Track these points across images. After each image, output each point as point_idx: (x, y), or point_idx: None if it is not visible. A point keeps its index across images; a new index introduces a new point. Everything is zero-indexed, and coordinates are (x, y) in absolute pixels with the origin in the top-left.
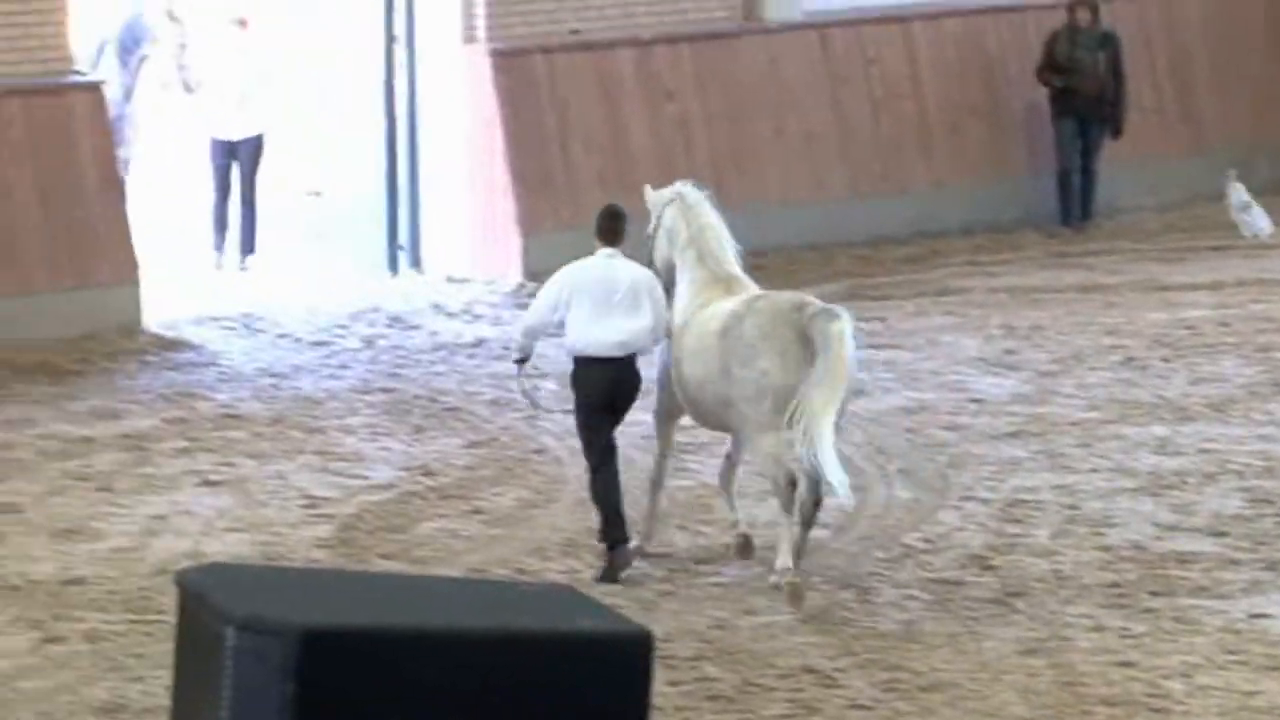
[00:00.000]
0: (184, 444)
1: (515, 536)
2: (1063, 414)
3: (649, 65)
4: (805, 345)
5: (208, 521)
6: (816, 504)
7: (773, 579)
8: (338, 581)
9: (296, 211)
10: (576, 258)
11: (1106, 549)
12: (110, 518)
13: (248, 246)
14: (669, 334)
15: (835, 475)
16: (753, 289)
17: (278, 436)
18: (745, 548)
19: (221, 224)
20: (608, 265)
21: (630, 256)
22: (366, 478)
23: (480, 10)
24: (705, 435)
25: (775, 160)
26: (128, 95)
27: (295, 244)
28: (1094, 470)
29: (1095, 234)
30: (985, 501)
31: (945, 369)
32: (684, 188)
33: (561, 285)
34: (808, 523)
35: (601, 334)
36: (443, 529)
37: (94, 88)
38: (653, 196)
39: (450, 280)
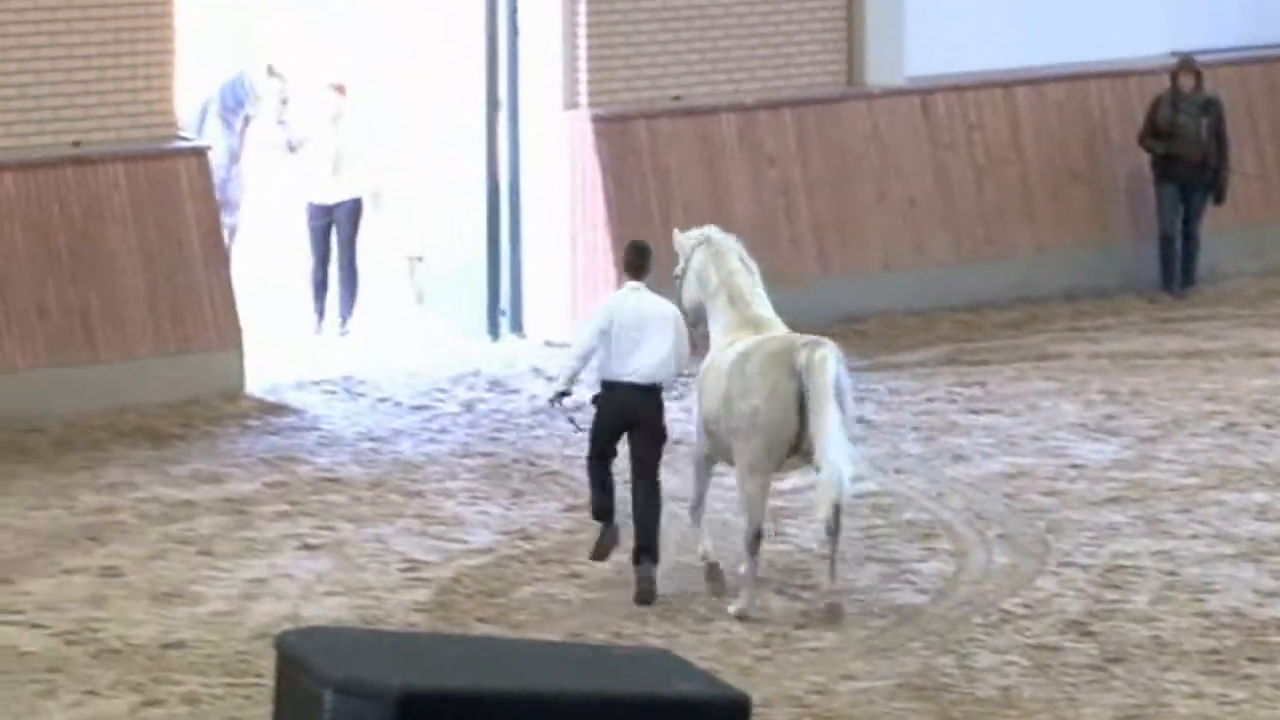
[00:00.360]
0: (284, 508)
1: (613, 601)
2: (1163, 479)
3: (751, 130)
4: (795, 381)
5: (307, 585)
6: (837, 510)
7: (732, 609)
8: (435, 645)
9: (398, 276)
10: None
11: (1206, 615)
12: (210, 581)
13: (347, 310)
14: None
15: (848, 472)
16: (780, 330)
17: (377, 500)
18: (713, 574)
19: (321, 288)
20: (635, 298)
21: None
22: (465, 542)
23: (583, 76)
24: (803, 501)
25: (877, 225)
26: (233, 158)
27: (397, 308)
28: (1194, 536)
29: (1197, 299)
30: (1084, 567)
31: (1045, 434)
32: (712, 231)
33: (605, 315)
34: (833, 531)
35: (625, 362)
36: (540, 593)
37: (198, 152)
38: (680, 239)
39: (550, 344)
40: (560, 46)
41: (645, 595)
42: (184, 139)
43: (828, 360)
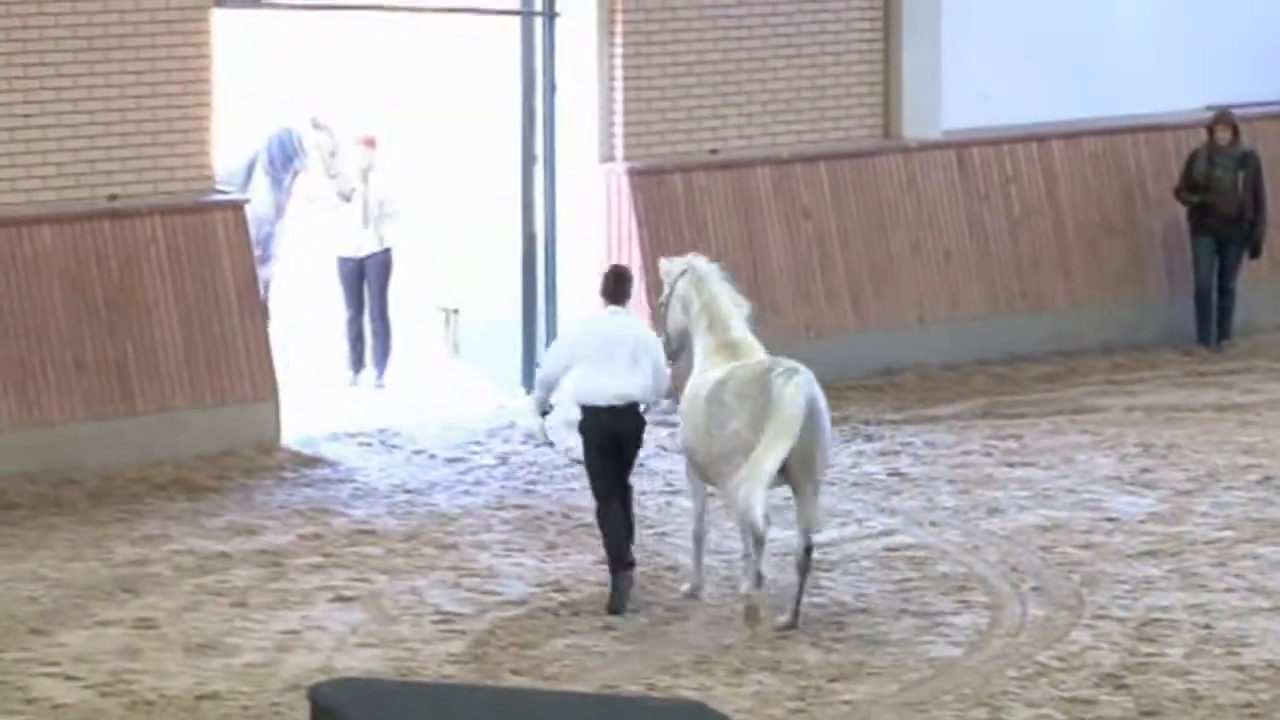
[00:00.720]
0: (319, 559)
1: (647, 653)
2: (1198, 533)
3: (787, 184)
4: (770, 403)
5: (340, 637)
6: (808, 551)
7: (741, 591)
8: (469, 696)
9: (434, 328)
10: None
11: (1241, 669)
12: (244, 633)
13: (381, 363)
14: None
15: (757, 512)
16: (758, 353)
17: (412, 552)
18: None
19: (356, 341)
20: (613, 323)
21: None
22: (499, 594)
23: (618, 129)
24: (839, 553)
25: (912, 278)
26: (279, 213)
27: (432, 360)
28: (1229, 589)
29: (1232, 353)
30: (1119, 620)
31: (1080, 487)
32: (694, 259)
33: (570, 344)
34: (803, 569)
35: (603, 385)
36: (575, 645)
37: (235, 206)
38: (665, 266)
39: None
40: (596, 100)
41: (616, 605)
42: (221, 192)
43: (799, 389)
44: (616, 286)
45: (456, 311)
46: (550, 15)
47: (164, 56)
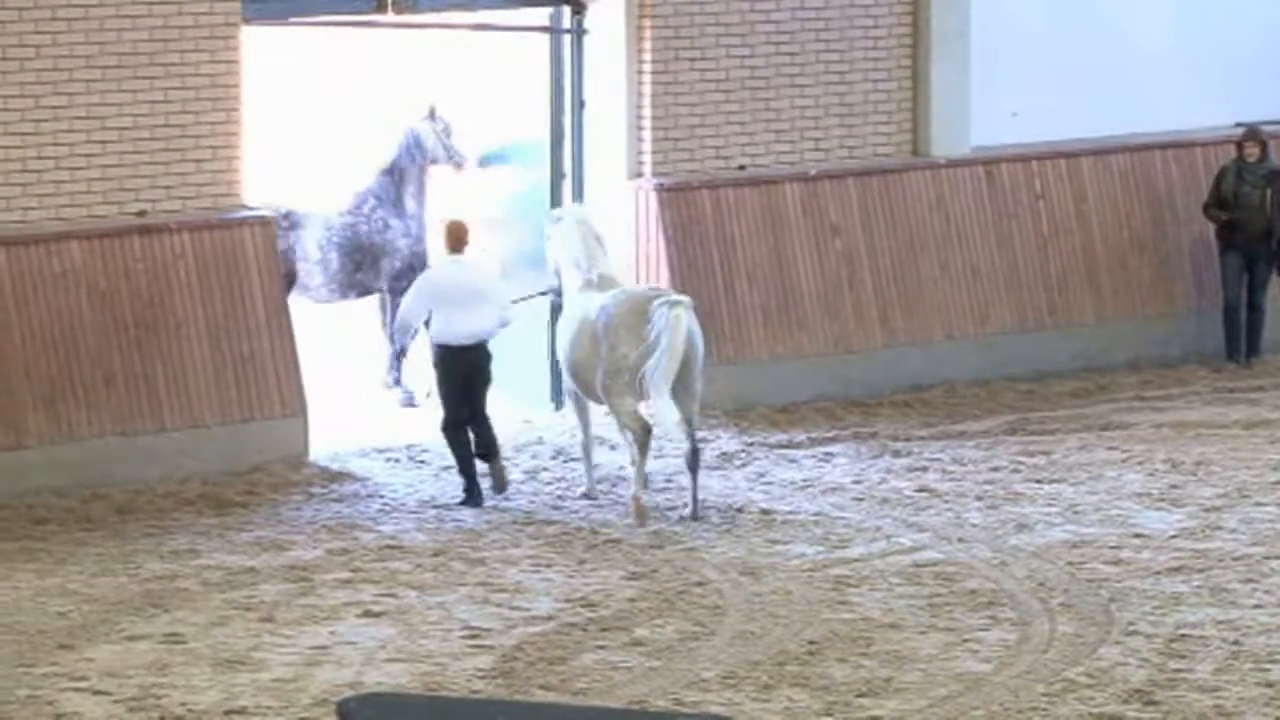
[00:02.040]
0: (347, 575)
1: (675, 668)
2: (1227, 549)
3: (815, 200)
4: (651, 328)
5: (369, 652)
6: (695, 452)
7: (631, 494)
8: (497, 711)
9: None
10: (739, 393)
11: (1270, 685)
12: (272, 648)
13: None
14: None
15: (668, 418)
16: (619, 285)
17: (440, 568)
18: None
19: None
20: (455, 271)
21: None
22: (527, 609)
23: (647, 146)
24: (868, 570)
25: (941, 295)
26: (421, 216)
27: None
28: (1258, 606)
29: (1261, 369)
30: (1148, 636)
31: (1109, 503)
32: (571, 207)
33: (421, 292)
34: (693, 467)
35: (455, 327)
36: (602, 660)
37: (264, 221)
38: (551, 214)
39: None
40: (625, 116)
41: (500, 485)
42: (249, 208)
43: (681, 318)
44: (456, 238)
45: None
46: (579, 32)
47: (193, 73)
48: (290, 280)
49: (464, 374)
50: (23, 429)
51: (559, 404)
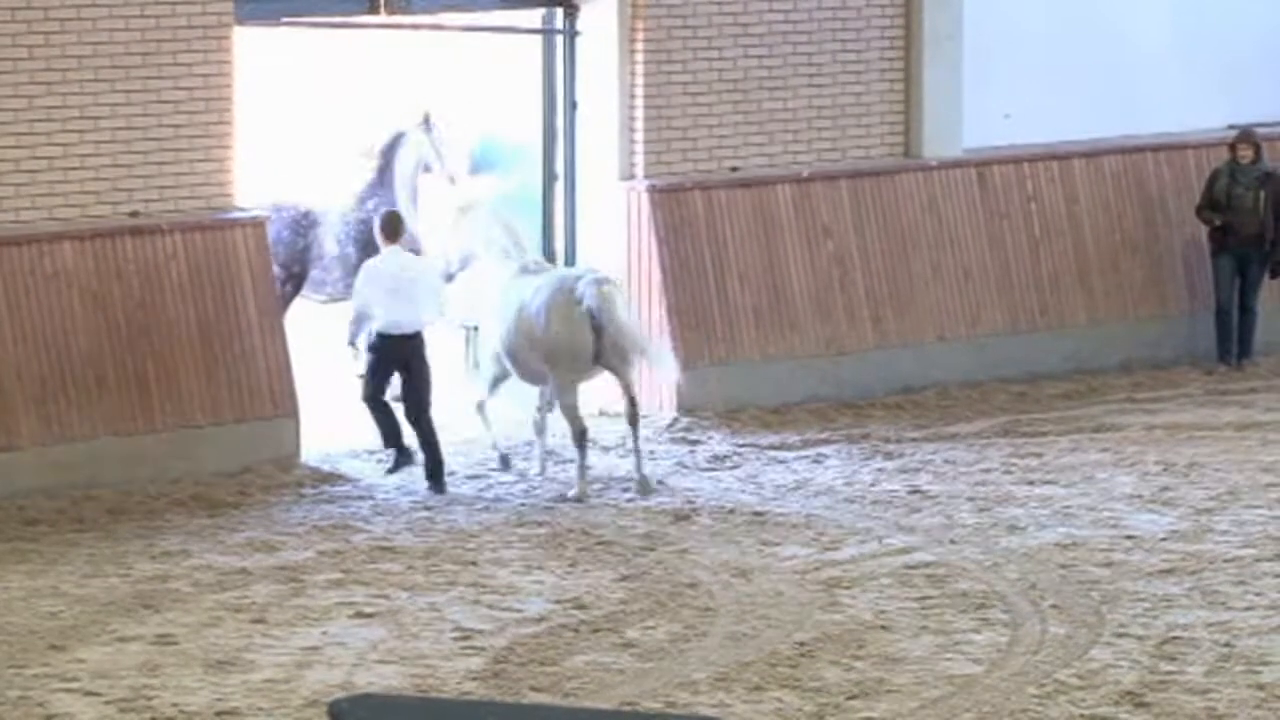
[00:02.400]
0: (338, 576)
1: (666, 670)
2: (1219, 551)
3: (807, 202)
4: (584, 309)
5: (360, 653)
6: (633, 402)
7: (570, 494)
8: (488, 713)
9: (455, 345)
10: (730, 394)
11: (1261, 687)
12: (264, 649)
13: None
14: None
15: (670, 368)
16: (551, 269)
17: (431, 569)
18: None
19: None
20: (396, 260)
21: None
22: (519, 610)
23: (639, 147)
24: (859, 571)
25: (933, 297)
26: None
27: (451, 378)
28: (1249, 608)
29: (1253, 371)
30: (1139, 638)
31: (1100, 505)
32: (475, 195)
33: (371, 280)
34: (634, 420)
35: (395, 315)
36: (594, 662)
37: (256, 222)
38: (455, 203)
39: (604, 414)
40: (617, 117)
41: (442, 489)
42: (241, 209)
43: (613, 295)
44: (391, 227)
45: (476, 329)
46: (572, 34)
47: (186, 74)
48: (300, 280)
49: (400, 363)
50: (14, 430)
51: (550, 404)
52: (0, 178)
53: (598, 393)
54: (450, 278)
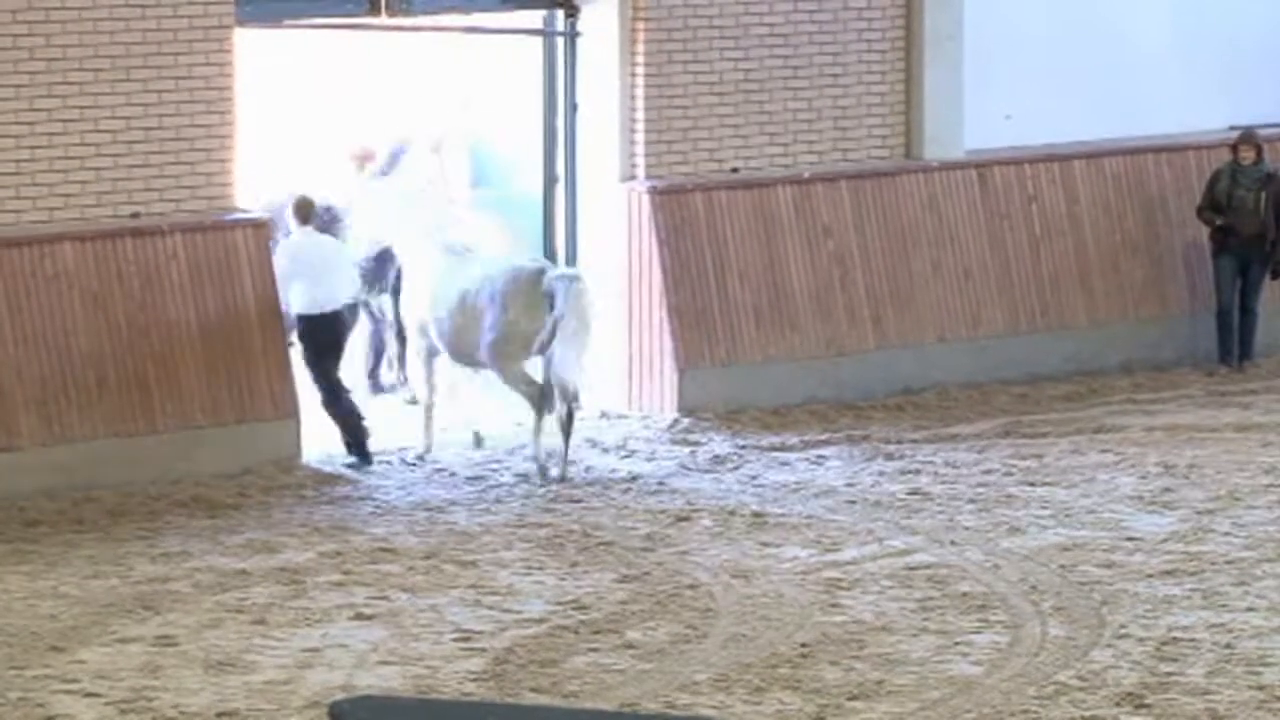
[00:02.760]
0: (339, 577)
1: (666, 671)
2: (1219, 552)
3: (808, 203)
4: (547, 300)
5: (361, 654)
6: (570, 415)
7: (553, 472)
8: (488, 714)
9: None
10: (731, 395)
11: (1262, 688)
12: (264, 650)
13: (401, 377)
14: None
15: (575, 384)
16: (494, 257)
17: (432, 570)
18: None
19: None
20: (310, 240)
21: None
22: (519, 612)
23: (640, 149)
24: (860, 572)
25: (933, 298)
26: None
27: (451, 379)
28: (1250, 609)
29: (1254, 373)
30: (1140, 639)
31: (1101, 506)
32: (383, 180)
33: (294, 258)
34: (567, 431)
35: (314, 294)
36: (594, 663)
37: (257, 224)
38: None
39: (605, 416)
40: (618, 119)
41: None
42: (243, 210)
43: (585, 292)
44: (305, 212)
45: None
46: (572, 35)
47: (186, 75)
48: None
49: (329, 343)
50: (14, 431)
51: (551, 406)
52: (0, 179)
53: (598, 393)
54: (370, 259)
